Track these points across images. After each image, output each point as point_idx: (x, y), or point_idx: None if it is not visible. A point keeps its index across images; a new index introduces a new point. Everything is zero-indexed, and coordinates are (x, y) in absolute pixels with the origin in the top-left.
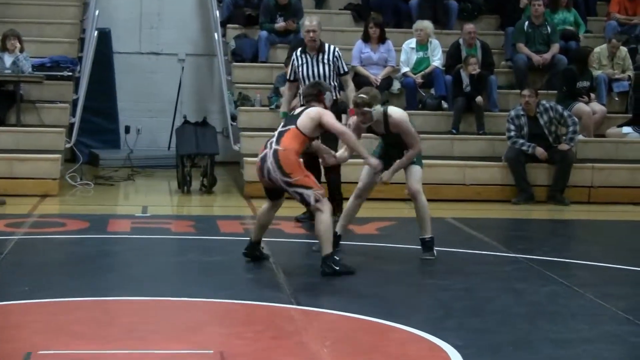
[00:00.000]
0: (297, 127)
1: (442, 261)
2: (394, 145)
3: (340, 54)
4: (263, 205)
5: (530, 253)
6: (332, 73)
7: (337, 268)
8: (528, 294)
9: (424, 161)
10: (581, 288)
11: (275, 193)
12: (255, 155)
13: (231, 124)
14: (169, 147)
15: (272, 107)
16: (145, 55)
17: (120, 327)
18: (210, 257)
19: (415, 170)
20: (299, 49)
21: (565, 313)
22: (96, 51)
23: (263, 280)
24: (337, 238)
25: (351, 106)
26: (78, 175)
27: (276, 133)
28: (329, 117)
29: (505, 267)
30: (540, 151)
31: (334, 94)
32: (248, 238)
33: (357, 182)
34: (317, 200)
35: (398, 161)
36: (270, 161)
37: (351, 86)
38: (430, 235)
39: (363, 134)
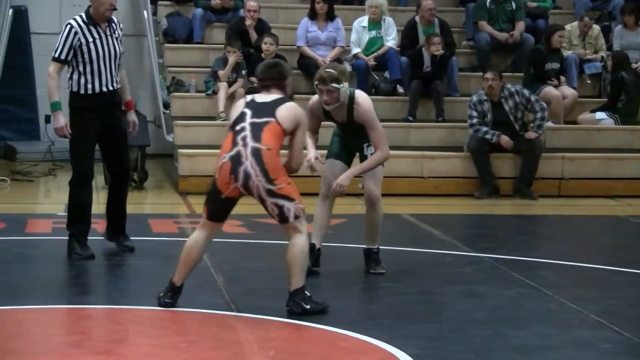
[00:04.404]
0: (277, 122)
1: (396, 262)
2: (354, 134)
3: None
4: (192, 235)
5: (493, 252)
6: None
7: (308, 307)
8: (490, 298)
9: None
10: (549, 290)
11: (226, 209)
12: (191, 147)
13: (163, 112)
14: None
15: (209, 93)
16: None
17: (34, 339)
18: (140, 260)
19: (377, 170)
20: (80, 18)
21: (532, 318)
22: (11, 32)
23: (199, 285)
24: (317, 253)
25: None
26: None
27: (247, 125)
28: (303, 131)
29: (466, 268)
30: (505, 140)
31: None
32: (183, 239)
33: None
34: (296, 217)
35: (358, 166)
36: (250, 163)
37: (124, 71)
38: (377, 246)
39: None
